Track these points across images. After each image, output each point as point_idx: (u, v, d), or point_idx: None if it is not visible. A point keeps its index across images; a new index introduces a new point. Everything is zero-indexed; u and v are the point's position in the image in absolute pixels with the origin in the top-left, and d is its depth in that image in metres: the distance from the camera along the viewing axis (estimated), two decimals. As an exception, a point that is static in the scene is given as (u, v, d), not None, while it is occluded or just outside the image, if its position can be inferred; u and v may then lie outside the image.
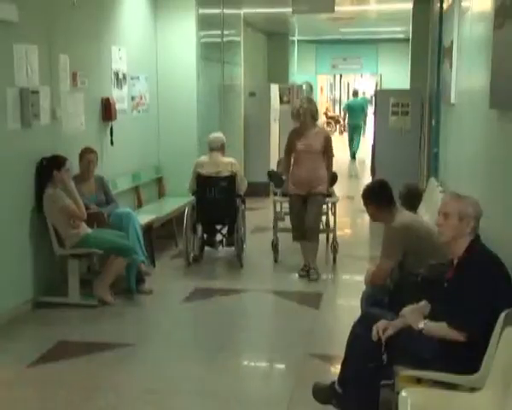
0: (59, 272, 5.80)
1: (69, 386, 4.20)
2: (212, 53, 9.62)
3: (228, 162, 6.96)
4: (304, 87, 16.62)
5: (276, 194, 7.35)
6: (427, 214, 5.96)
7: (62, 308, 5.57)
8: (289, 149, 6.74)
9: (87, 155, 6.15)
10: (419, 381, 3.10)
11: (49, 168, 5.58)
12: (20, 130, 5.43)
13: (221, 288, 6.26)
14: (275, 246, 7.17)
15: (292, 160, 6.75)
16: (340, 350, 3.74)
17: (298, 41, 17.34)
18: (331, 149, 6.75)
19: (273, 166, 12.03)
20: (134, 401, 4.02)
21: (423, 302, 3.43)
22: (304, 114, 6.56)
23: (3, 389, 4.14)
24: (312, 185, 6.56)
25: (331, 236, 7.39)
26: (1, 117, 5.20)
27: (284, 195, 6.97)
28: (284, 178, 7.06)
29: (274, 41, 16.20)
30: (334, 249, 7.13)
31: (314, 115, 6.67)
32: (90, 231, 5.76)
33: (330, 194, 6.93)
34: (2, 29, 5.07)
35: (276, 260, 7.08)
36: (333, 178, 7.12)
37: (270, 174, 8.06)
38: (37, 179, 5.63)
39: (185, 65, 8.55)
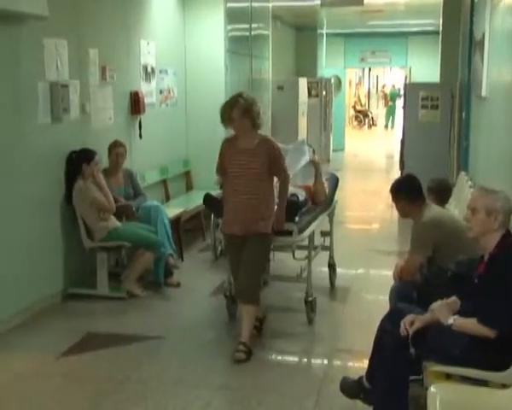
0: (88, 264, 5.86)
1: (97, 378, 4.24)
2: (240, 47, 9.60)
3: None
4: (332, 81, 16.55)
5: (218, 226, 5.04)
6: (456, 209, 5.88)
7: (91, 300, 5.63)
8: (222, 168, 4.69)
9: (116, 149, 6.19)
10: (448, 377, 3.07)
11: (78, 162, 5.63)
12: (50, 124, 5.48)
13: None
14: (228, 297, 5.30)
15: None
16: (367, 345, 3.71)
17: (326, 34, 17.25)
18: (282, 167, 4.64)
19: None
20: (162, 393, 4.04)
21: (453, 298, 3.38)
22: (240, 118, 4.44)
23: (32, 380, 4.20)
24: (249, 222, 4.52)
25: (328, 253, 6.11)
26: (32, 111, 5.26)
27: None
28: None
29: (302, 34, 16.14)
30: (332, 270, 6.11)
31: (255, 119, 4.50)
32: (118, 224, 5.81)
33: (289, 231, 4.80)
34: (33, 24, 5.12)
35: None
36: (335, 185, 6.02)
37: (208, 199, 5.31)
38: (66, 173, 5.68)
39: (213, 58, 8.55)
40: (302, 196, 5.24)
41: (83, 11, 5.95)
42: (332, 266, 6.10)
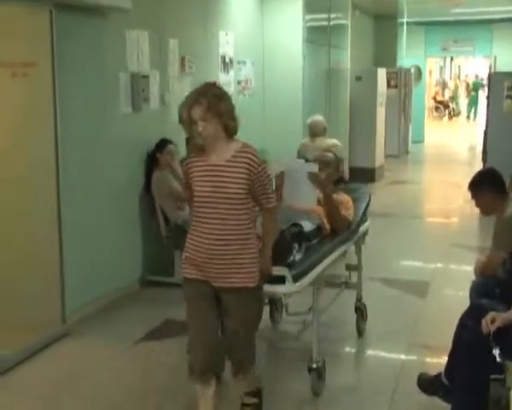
0: (165, 252, 5.96)
1: (174, 364, 4.30)
2: (319, 36, 9.52)
3: (332, 144, 6.85)
4: (412, 71, 16.19)
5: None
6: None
7: (169, 288, 5.72)
8: (188, 191, 3.23)
9: (194, 139, 6.24)
10: (533, 378, 2.94)
11: (154, 152, 5.75)
12: (131, 114, 5.61)
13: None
14: None
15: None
16: (446, 341, 3.61)
17: (407, 23, 16.87)
18: (268, 191, 3.15)
19: (379, 154, 11.81)
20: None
21: (539, 295, 3.24)
22: (203, 121, 3.02)
23: (109, 365, 4.31)
24: (223, 271, 3.10)
25: (355, 293, 4.81)
26: (114, 101, 5.39)
27: None
28: None
29: (382, 23, 15.84)
30: (361, 315, 4.80)
31: (226, 121, 3.10)
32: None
33: (280, 277, 3.38)
34: (116, 16, 5.24)
35: None
36: (365, 205, 4.73)
37: (174, 227, 4.67)
38: (146, 162, 5.80)
39: (291, 49, 8.52)
40: (314, 222, 3.88)
41: (163, 3, 6.04)
42: (360, 311, 4.78)
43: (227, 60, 7.48)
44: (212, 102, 3.03)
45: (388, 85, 12.72)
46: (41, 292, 4.57)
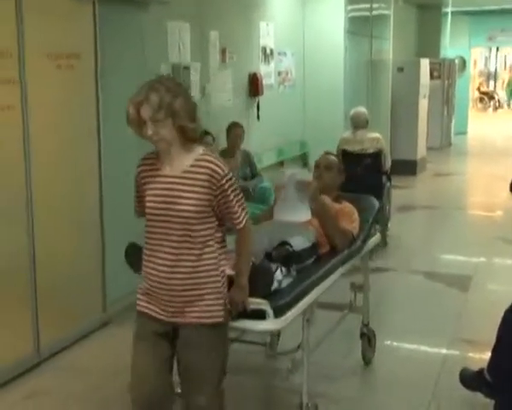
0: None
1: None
2: (360, 27, 9.42)
3: (373, 138, 6.79)
4: (456, 61, 15.92)
5: None
6: None
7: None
8: (140, 205, 2.75)
9: (234, 130, 6.26)
10: None
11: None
12: (172, 105, 5.63)
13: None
14: None
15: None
16: (490, 336, 3.54)
17: (451, 13, 16.57)
18: (235, 204, 2.62)
19: (421, 146, 11.63)
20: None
21: None
22: (154, 122, 2.48)
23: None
24: (180, 304, 2.58)
25: (361, 317, 4.11)
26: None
27: None
28: None
29: (425, 13, 15.58)
30: (368, 342, 4.12)
31: (183, 123, 2.52)
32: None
33: (259, 312, 2.71)
34: (157, 8, 5.27)
35: None
36: (374, 215, 3.91)
37: (130, 250, 4.87)
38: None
39: (332, 40, 8.46)
40: (308, 238, 3.19)
41: (205, -6, 6.05)
42: (367, 337, 4.10)
43: (267, 51, 7.46)
44: (165, 99, 2.45)
45: (431, 76, 12.52)
46: (83, 281, 4.63)
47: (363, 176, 6.69)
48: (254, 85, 7.04)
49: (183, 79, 5.66)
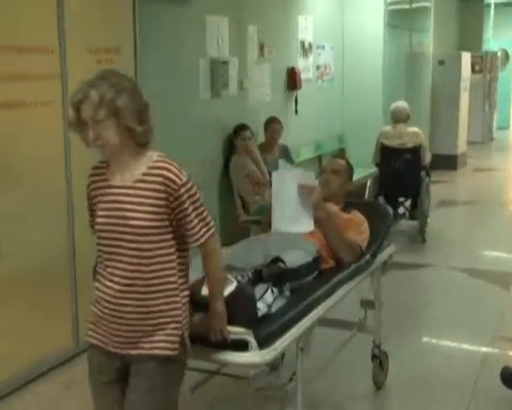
0: (242, 237, 5.98)
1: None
2: (400, 20, 9.30)
3: (412, 133, 6.72)
4: (499, 54, 15.61)
5: None
6: None
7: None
8: (93, 217, 2.35)
9: (272, 125, 6.25)
10: None
11: (231, 137, 5.81)
12: (210, 99, 5.65)
13: (401, 262, 6.07)
14: None
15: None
16: (533, 335, 3.47)
17: (494, 4, 16.23)
18: (195, 217, 2.27)
19: (461, 141, 11.43)
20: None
21: None
22: (96, 125, 2.11)
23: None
24: (129, 335, 2.20)
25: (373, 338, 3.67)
26: (194, 87, 5.45)
27: None
28: None
29: (467, 5, 15.29)
30: (379, 365, 3.72)
31: (131, 127, 2.14)
32: (272, 198, 5.84)
33: (241, 342, 2.30)
34: (196, 2, 5.29)
35: None
36: (385, 226, 3.47)
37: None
38: (224, 147, 5.85)
39: (372, 33, 8.37)
40: (309, 252, 2.84)
41: (243, -12, 6.05)
42: (378, 359, 3.70)
43: (306, 45, 7.42)
44: (107, 95, 2.08)
45: (473, 71, 12.31)
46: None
47: (401, 171, 6.63)
48: (292, 80, 7.01)
49: (222, 74, 5.68)
